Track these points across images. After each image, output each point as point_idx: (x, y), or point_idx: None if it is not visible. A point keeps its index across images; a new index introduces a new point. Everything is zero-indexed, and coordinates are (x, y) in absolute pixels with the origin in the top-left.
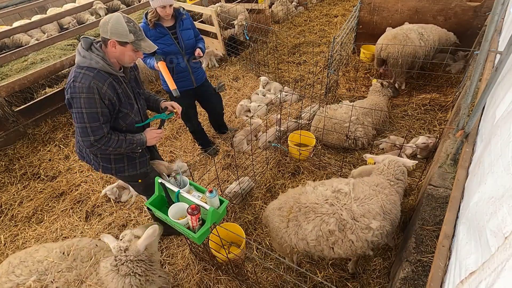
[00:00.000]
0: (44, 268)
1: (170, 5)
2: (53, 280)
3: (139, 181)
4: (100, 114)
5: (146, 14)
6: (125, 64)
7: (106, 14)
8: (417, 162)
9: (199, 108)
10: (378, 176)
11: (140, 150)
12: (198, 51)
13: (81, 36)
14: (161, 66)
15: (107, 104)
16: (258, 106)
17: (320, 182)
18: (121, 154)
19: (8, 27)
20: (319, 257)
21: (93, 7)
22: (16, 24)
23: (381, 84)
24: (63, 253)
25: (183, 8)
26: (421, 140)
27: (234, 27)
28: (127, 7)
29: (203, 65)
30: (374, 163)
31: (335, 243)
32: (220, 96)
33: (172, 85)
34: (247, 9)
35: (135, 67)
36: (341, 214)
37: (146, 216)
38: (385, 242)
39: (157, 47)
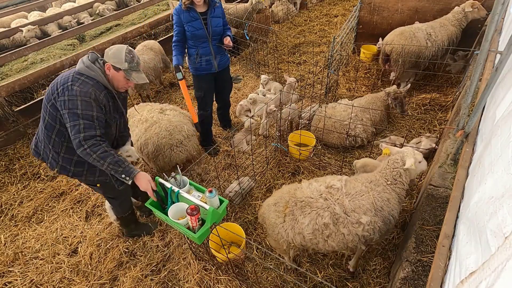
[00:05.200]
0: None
1: None
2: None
3: (98, 185)
4: (95, 118)
5: None
6: (116, 89)
7: (115, 10)
8: (413, 163)
9: None
10: (377, 173)
11: (123, 180)
12: (228, 39)
13: (90, 51)
14: (182, 84)
15: (102, 111)
16: (258, 105)
17: (314, 179)
18: (83, 160)
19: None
20: (313, 250)
21: (97, 12)
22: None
23: (387, 93)
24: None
25: None
26: (424, 144)
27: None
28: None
29: None
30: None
31: (329, 236)
32: (232, 86)
33: (193, 117)
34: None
35: (125, 91)
36: (334, 208)
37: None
38: (378, 238)
39: (147, 81)
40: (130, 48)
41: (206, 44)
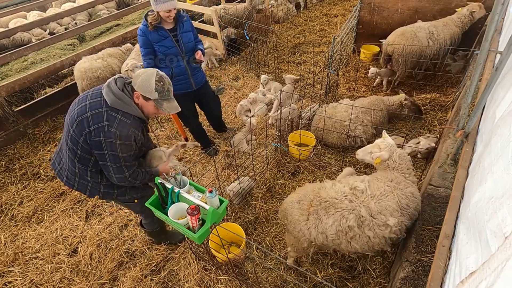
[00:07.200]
0: None
1: (175, 8)
2: None
3: (135, 201)
4: (133, 154)
5: (146, 15)
6: (146, 116)
7: (117, 9)
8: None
9: (198, 108)
10: (392, 171)
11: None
12: (199, 54)
13: (118, 76)
14: (174, 118)
15: (138, 146)
16: (257, 106)
17: (337, 179)
18: None
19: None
20: (334, 250)
21: (97, 13)
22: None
23: (404, 103)
24: None
25: (183, 10)
26: (423, 144)
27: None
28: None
29: (202, 66)
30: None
31: (353, 238)
32: (219, 99)
33: (183, 136)
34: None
35: None
36: (360, 211)
37: None
38: (404, 237)
39: (179, 109)
40: (161, 73)
41: (180, 63)
